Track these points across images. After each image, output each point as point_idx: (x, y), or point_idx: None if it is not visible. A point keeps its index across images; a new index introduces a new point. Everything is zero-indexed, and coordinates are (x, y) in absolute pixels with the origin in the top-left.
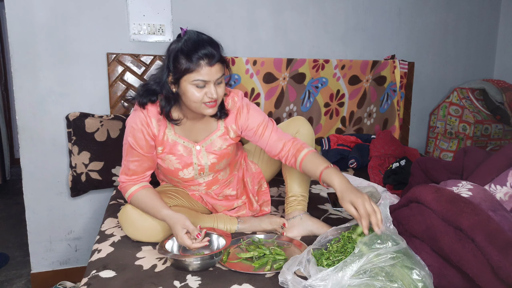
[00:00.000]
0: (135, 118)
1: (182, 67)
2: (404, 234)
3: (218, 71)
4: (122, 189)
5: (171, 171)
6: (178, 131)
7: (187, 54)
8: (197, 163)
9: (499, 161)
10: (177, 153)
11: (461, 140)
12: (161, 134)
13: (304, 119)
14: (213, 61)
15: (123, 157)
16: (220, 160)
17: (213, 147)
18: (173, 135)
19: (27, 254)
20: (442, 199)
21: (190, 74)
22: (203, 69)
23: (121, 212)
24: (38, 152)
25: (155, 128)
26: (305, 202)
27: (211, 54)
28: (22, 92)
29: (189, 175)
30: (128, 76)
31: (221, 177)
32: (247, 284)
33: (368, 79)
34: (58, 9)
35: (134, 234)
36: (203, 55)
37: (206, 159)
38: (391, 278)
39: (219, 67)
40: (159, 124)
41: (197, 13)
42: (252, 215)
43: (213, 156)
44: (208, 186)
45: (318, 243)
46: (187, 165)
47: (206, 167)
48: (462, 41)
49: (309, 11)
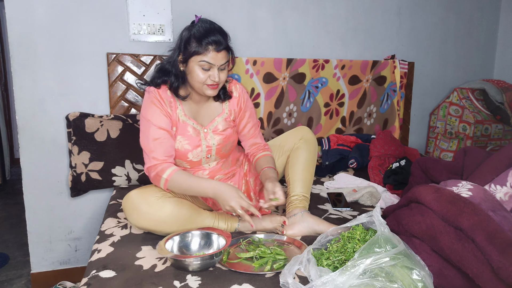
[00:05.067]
0: (151, 99)
1: (192, 49)
2: (404, 234)
3: (223, 57)
4: (156, 176)
5: (181, 153)
6: (187, 113)
7: (198, 38)
8: (206, 144)
9: (499, 161)
10: (187, 134)
11: (461, 140)
12: (174, 114)
13: (308, 129)
14: (220, 47)
15: (146, 146)
16: (226, 142)
17: (219, 129)
18: (183, 116)
19: (27, 254)
20: (442, 199)
21: (198, 56)
22: (210, 53)
23: (125, 199)
24: (38, 152)
25: (168, 108)
26: (306, 202)
27: (219, 41)
28: (22, 92)
29: (197, 158)
30: (128, 76)
31: (223, 166)
32: (247, 284)
33: (368, 79)
34: (58, 9)
35: (137, 221)
36: (212, 41)
37: (213, 140)
38: (391, 278)
39: (225, 54)
40: (171, 106)
41: (197, 13)
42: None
43: (220, 137)
44: (211, 174)
45: (318, 243)
46: (196, 146)
47: (214, 149)
48: (462, 41)
49: (309, 11)
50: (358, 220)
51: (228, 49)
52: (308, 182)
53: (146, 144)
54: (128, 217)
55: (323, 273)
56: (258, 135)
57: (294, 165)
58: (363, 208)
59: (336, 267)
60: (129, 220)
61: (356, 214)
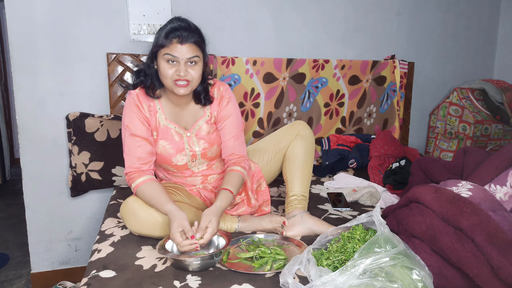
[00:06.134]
0: (129, 104)
1: (158, 43)
2: (404, 234)
3: (189, 51)
4: (129, 181)
5: (165, 157)
6: (168, 116)
7: (165, 32)
8: (189, 148)
9: (499, 161)
10: (170, 138)
11: (461, 140)
12: (153, 119)
13: (305, 123)
14: (184, 40)
15: (124, 151)
16: (211, 146)
17: (202, 132)
18: (164, 120)
19: (27, 254)
20: (442, 199)
21: (163, 49)
22: (173, 45)
23: (123, 205)
24: (38, 152)
25: (147, 113)
26: (305, 201)
27: (183, 34)
28: (22, 92)
29: (182, 161)
30: (128, 76)
31: (215, 167)
32: (247, 284)
33: (368, 79)
34: (58, 9)
35: (136, 227)
36: (176, 35)
37: (196, 145)
38: (391, 278)
39: (191, 47)
40: (150, 110)
41: (197, 13)
42: (251, 213)
43: (203, 141)
44: (204, 176)
45: (318, 243)
46: (180, 150)
47: (198, 153)
48: (462, 41)
49: (309, 11)
50: (358, 220)
51: (198, 44)
52: (307, 180)
53: (124, 150)
54: (126, 223)
55: (323, 273)
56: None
57: (292, 163)
58: (363, 208)
59: (336, 267)
60: (127, 226)
61: (356, 214)
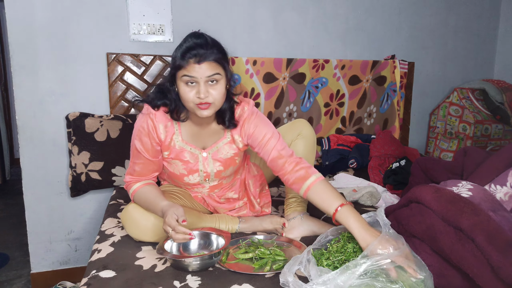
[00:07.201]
0: (143, 122)
1: (175, 64)
2: (404, 234)
3: (208, 69)
4: (127, 188)
5: (177, 175)
6: (185, 138)
7: (181, 52)
8: (203, 170)
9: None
10: (184, 159)
11: (461, 140)
12: (167, 140)
13: (306, 121)
14: (200, 59)
15: (130, 157)
16: (226, 168)
17: (220, 154)
18: (180, 142)
19: (27, 254)
20: (442, 199)
21: (180, 71)
22: (190, 66)
23: (123, 212)
24: (38, 152)
25: (162, 134)
26: (305, 203)
27: (199, 52)
28: (22, 92)
29: (195, 180)
30: (128, 76)
31: (225, 181)
32: (247, 284)
33: (368, 79)
34: (58, 9)
35: (137, 235)
36: (192, 54)
37: (212, 167)
38: (391, 279)
39: (210, 65)
40: (166, 131)
41: (197, 13)
42: (253, 215)
43: (219, 164)
44: (211, 189)
45: (318, 243)
46: (193, 172)
47: (212, 174)
48: (462, 41)
49: (309, 11)
50: None
51: (218, 61)
52: None
53: (131, 158)
54: (128, 231)
55: (323, 273)
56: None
57: None
58: (363, 208)
59: (336, 267)
60: (129, 234)
61: None
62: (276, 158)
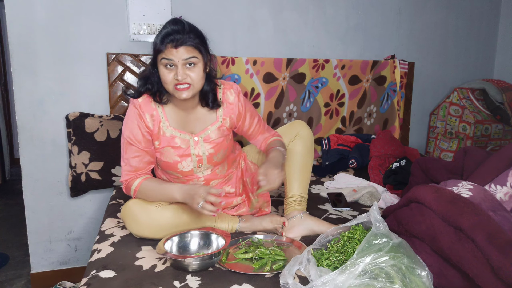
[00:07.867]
0: (131, 114)
1: (155, 49)
2: (404, 234)
3: (185, 52)
4: (126, 187)
5: (170, 164)
6: (172, 124)
7: (160, 38)
8: (195, 153)
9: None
10: (175, 146)
11: (461, 140)
12: (155, 129)
13: (304, 122)
14: (178, 44)
15: (122, 156)
16: (218, 151)
17: (210, 138)
18: (168, 128)
19: (27, 254)
20: (442, 199)
21: (159, 54)
22: (168, 50)
23: (123, 209)
24: (38, 152)
25: (150, 123)
26: (304, 202)
27: (176, 38)
28: (22, 92)
29: (188, 167)
30: (128, 76)
31: (219, 171)
32: (247, 284)
33: (368, 79)
34: (58, 9)
35: (137, 230)
36: (170, 39)
37: (203, 149)
38: (391, 279)
39: (187, 49)
40: (153, 119)
41: (197, 13)
42: (252, 213)
43: (210, 146)
44: (207, 181)
45: (318, 243)
46: (186, 156)
47: (204, 158)
48: (462, 41)
49: (309, 11)
50: (358, 220)
51: (194, 46)
52: (305, 181)
53: (122, 156)
54: (128, 226)
55: (323, 273)
56: (265, 130)
57: (291, 164)
58: (363, 208)
59: (336, 267)
60: (129, 229)
61: (356, 214)
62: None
